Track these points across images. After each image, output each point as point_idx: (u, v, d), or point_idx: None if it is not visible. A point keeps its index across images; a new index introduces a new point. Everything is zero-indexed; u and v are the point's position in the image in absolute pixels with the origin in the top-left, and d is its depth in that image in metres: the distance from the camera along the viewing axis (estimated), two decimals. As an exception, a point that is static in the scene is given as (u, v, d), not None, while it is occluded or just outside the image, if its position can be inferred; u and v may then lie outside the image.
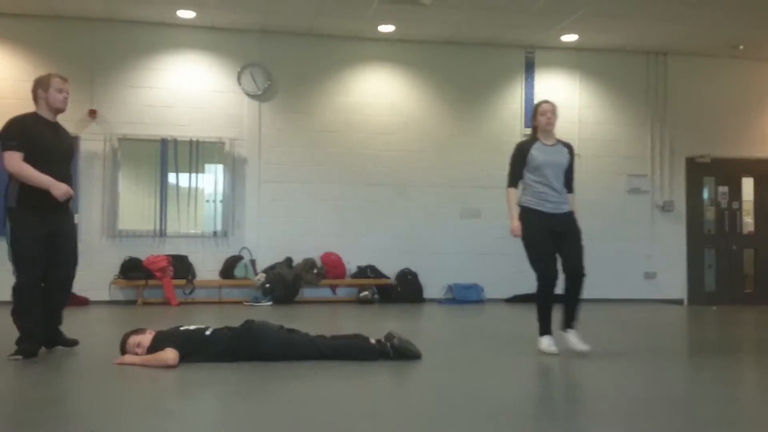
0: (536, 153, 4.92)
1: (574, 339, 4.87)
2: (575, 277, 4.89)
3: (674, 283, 9.45)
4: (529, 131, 9.20)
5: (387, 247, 8.89)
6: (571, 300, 4.96)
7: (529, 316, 5.27)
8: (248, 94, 8.76)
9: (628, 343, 5.90)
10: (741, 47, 9.07)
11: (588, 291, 9.36)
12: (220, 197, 8.77)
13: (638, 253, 9.37)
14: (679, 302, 9.37)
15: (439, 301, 8.84)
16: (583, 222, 9.42)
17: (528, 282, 7.98)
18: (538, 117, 5.01)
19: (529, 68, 9.34)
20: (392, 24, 8.49)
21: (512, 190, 5.02)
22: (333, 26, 8.61)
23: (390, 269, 8.85)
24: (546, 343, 4.93)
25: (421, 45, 9.14)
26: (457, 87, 9.28)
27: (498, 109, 9.24)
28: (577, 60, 9.42)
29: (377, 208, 8.99)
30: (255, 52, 8.78)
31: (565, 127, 9.29)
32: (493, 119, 9.23)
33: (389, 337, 4.64)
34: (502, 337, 5.82)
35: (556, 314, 5.04)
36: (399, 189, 9.02)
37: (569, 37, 8.93)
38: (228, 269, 8.49)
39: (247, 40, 8.77)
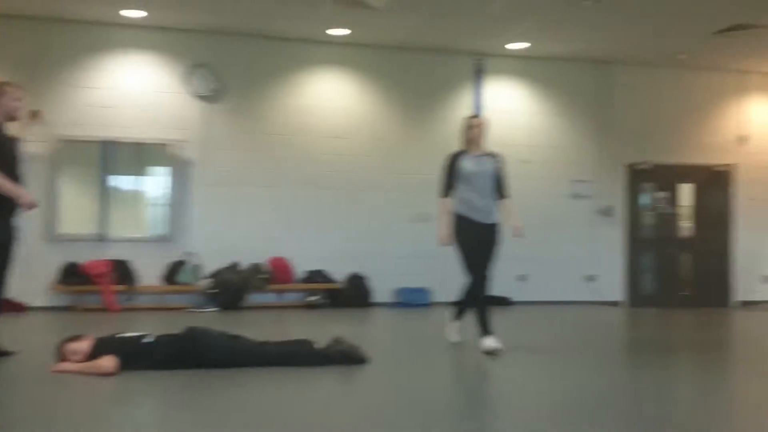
0: (466, 164, 5.25)
1: (454, 332, 5.48)
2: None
3: (613, 285, 9.69)
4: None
5: (336, 251, 8.87)
6: (463, 299, 5.40)
7: (471, 320, 5.35)
8: (196, 96, 8.62)
9: (569, 345, 6.03)
10: (682, 56, 9.37)
11: (531, 293, 9.65)
12: (164, 200, 8.60)
13: (579, 257, 9.58)
14: (617, 304, 9.61)
15: (388, 305, 8.86)
16: (528, 226, 9.61)
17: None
18: (469, 130, 5.36)
19: (480, 75, 9.46)
20: (345, 28, 8.47)
21: (444, 199, 5.33)
22: (285, 28, 8.55)
23: (339, 273, 8.83)
24: (489, 342, 5.09)
25: (373, 49, 9.16)
26: (409, 92, 9.33)
27: (449, 115, 9.29)
28: (526, 68, 9.57)
29: (327, 213, 8.96)
30: (204, 53, 8.64)
31: (513, 134, 9.49)
32: (444, 125, 9.28)
33: (336, 341, 4.64)
34: (447, 340, 5.84)
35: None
36: (349, 193, 9.01)
37: (519, 45, 9.08)
38: (171, 274, 8.33)
39: (195, 41, 8.63)
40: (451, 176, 5.27)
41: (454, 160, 5.31)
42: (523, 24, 8.26)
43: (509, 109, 9.55)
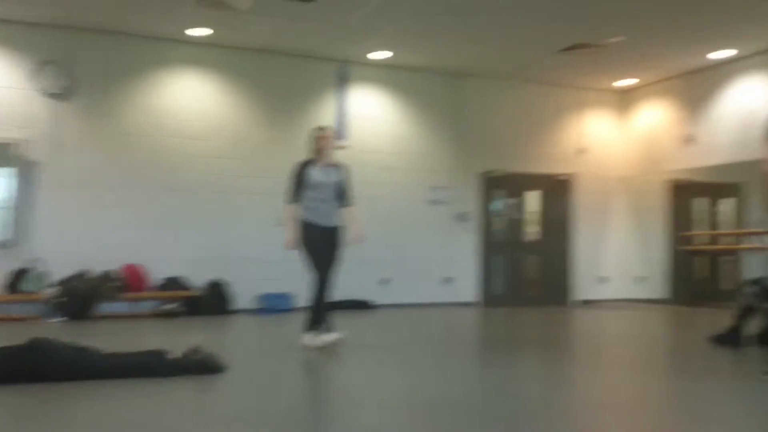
0: (313, 173, 5.55)
1: (312, 339, 5.55)
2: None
3: (468, 287, 10.19)
4: (341, 144, 9.56)
5: (195, 257, 8.67)
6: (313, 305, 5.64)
7: (337, 323, 5.49)
8: (44, 93, 8.14)
9: (425, 346, 6.29)
10: (530, 72, 10.02)
11: (392, 296, 9.92)
12: (8, 204, 8.03)
13: (438, 260, 9.99)
14: (472, 305, 10.12)
15: (250, 312, 8.79)
16: (390, 231, 9.95)
17: (339, 290, 8.19)
18: (317, 141, 5.68)
19: (343, 82, 9.61)
20: (207, 27, 8.32)
21: (290, 206, 5.62)
22: (144, 26, 8.25)
23: (198, 280, 8.65)
24: (328, 337, 5.47)
25: (237, 51, 9.06)
26: (273, 96, 9.31)
27: (312, 120, 9.32)
28: (389, 77, 9.84)
29: (185, 216, 8.74)
30: (54, 48, 8.17)
31: (376, 141, 9.75)
32: (308, 129, 9.34)
33: (192, 351, 4.56)
34: (307, 346, 5.91)
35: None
36: (209, 196, 8.86)
37: (382, 54, 9.32)
38: (15, 282, 7.80)
39: (44, 36, 8.14)
40: (299, 184, 5.58)
41: (301, 168, 5.61)
42: (385, 34, 8.51)
43: (372, 116, 9.80)
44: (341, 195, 5.68)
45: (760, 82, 8.92)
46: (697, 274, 10.31)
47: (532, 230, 10.79)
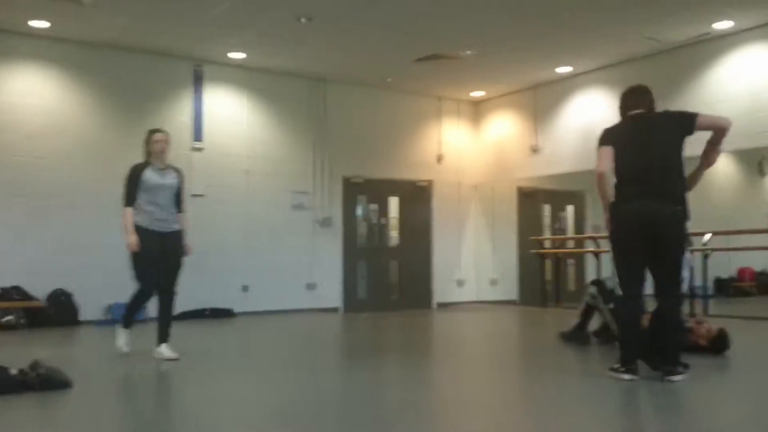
0: (149, 176, 5.45)
1: (165, 350, 5.41)
2: (166, 295, 5.51)
3: (332, 292, 10.19)
4: (198, 144, 9.26)
5: (36, 265, 8.01)
6: (163, 316, 5.52)
7: (190, 334, 5.26)
8: None
9: (286, 352, 6.21)
10: (389, 80, 10.23)
11: (254, 303, 9.72)
12: None
13: (301, 266, 9.90)
14: (336, 310, 10.14)
15: (98, 323, 8.25)
16: (251, 236, 9.76)
17: (194, 298, 7.92)
18: (152, 144, 5.57)
19: (199, 82, 9.30)
20: (47, 20, 7.74)
21: (128, 209, 5.44)
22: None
23: (40, 290, 7.99)
24: (122, 340, 5.56)
25: (82, 46, 8.48)
26: (124, 94, 8.80)
27: (166, 121, 8.95)
28: (245, 78, 9.64)
29: (25, 221, 8.04)
30: None
31: (235, 143, 9.51)
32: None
33: (34, 365, 4.23)
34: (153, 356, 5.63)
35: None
36: (50, 199, 8.22)
37: (237, 55, 9.11)
38: None
39: None
40: (134, 187, 5.43)
41: (137, 171, 5.48)
42: (242, 35, 8.33)
43: (230, 118, 9.56)
44: (177, 200, 5.58)
45: (598, 96, 9.66)
46: (544, 276, 10.95)
47: (394, 235, 10.99)
